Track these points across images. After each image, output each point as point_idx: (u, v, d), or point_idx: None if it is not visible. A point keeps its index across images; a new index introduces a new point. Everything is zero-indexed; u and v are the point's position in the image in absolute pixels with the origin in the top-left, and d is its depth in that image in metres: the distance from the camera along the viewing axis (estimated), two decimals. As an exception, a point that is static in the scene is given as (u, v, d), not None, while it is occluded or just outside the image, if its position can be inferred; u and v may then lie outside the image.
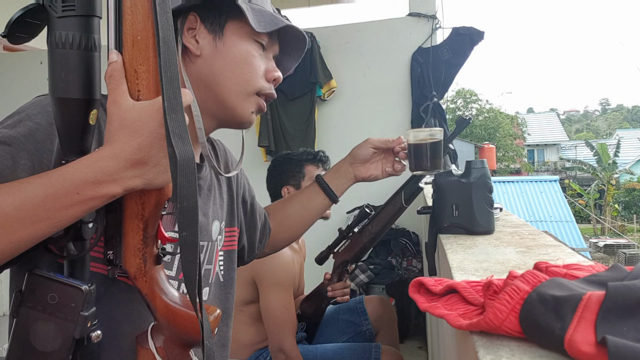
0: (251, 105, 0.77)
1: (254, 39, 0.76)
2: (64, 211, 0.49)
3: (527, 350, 0.35)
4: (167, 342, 0.59)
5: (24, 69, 3.40)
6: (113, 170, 0.50)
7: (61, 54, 0.51)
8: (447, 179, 0.88)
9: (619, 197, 18.62)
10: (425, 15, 2.98)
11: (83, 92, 0.51)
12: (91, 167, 0.50)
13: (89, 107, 0.52)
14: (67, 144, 0.53)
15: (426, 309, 0.45)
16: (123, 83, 0.52)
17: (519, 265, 0.64)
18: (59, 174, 0.50)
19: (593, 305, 0.33)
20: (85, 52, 0.51)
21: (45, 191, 0.49)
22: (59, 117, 0.52)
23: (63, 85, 0.51)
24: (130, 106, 0.51)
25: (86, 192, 0.50)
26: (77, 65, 0.51)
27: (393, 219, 1.32)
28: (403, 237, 2.81)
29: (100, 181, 0.50)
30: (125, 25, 0.52)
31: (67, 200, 0.49)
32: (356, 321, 1.77)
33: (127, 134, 0.51)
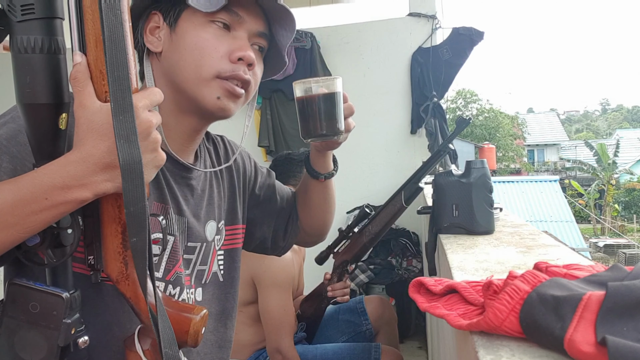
0: (213, 90, 0.71)
1: (210, 20, 0.71)
2: (33, 216, 0.49)
3: (527, 350, 0.35)
4: (154, 344, 0.58)
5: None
6: (81, 175, 0.49)
7: (24, 59, 0.49)
8: (447, 179, 0.88)
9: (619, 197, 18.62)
10: (425, 15, 2.98)
11: (50, 97, 0.50)
12: (59, 172, 0.49)
13: (58, 112, 0.51)
14: (37, 150, 0.52)
15: (426, 309, 0.45)
16: (89, 85, 0.51)
17: (519, 265, 0.64)
18: (27, 179, 0.49)
19: (593, 305, 0.33)
20: (49, 56, 0.50)
21: (13, 197, 0.48)
22: (28, 124, 0.51)
23: (29, 90, 0.49)
24: (98, 108, 0.50)
25: (55, 197, 0.49)
26: (42, 69, 0.49)
27: (393, 219, 1.32)
28: (403, 237, 2.81)
29: (68, 186, 0.49)
30: (87, 25, 0.51)
31: (36, 205, 0.49)
32: (356, 321, 1.77)
33: (96, 137, 0.50)
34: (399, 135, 3.05)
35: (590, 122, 47.37)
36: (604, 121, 46.46)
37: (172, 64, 0.72)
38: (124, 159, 0.46)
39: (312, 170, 0.92)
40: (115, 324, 0.66)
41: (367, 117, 3.10)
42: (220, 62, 0.71)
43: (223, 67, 0.71)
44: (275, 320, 1.48)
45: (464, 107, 20.98)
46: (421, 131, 2.99)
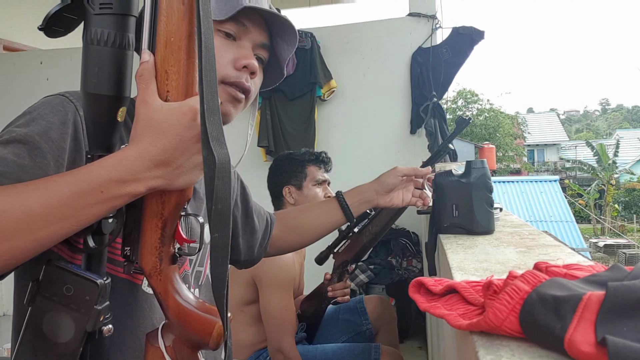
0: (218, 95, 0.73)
1: (217, 29, 0.73)
2: (88, 209, 0.50)
3: (527, 350, 0.35)
4: (176, 341, 0.59)
5: (24, 69, 3.40)
6: (137, 170, 0.51)
7: (95, 51, 0.51)
8: (447, 179, 0.88)
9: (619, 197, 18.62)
10: (425, 15, 2.98)
11: (114, 89, 0.52)
12: (116, 166, 0.50)
13: (118, 104, 0.53)
14: (94, 139, 0.54)
15: (426, 309, 0.45)
16: (153, 83, 0.53)
17: (519, 265, 0.64)
18: (84, 172, 0.50)
19: (593, 305, 0.33)
20: (118, 50, 0.52)
21: (70, 189, 0.49)
22: (89, 112, 0.53)
23: (95, 81, 0.52)
24: (159, 107, 0.52)
25: (110, 190, 0.50)
26: (110, 63, 0.52)
27: (393, 219, 1.32)
28: (403, 237, 2.81)
29: (124, 180, 0.50)
30: (160, 26, 0.53)
31: (92, 198, 0.50)
32: (356, 321, 1.77)
33: (153, 134, 0.51)
34: (399, 135, 3.05)
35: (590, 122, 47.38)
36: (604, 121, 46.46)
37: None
38: (218, 159, 0.47)
39: (351, 214, 1.05)
40: (128, 317, 0.66)
41: (367, 117, 3.10)
42: (226, 68, 0.73)
43: (228, 73, 0.73)
44: (277, 319, 1.48)
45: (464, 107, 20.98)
46: (421, 131, 2.99)
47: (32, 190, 0.49)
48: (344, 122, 3.13)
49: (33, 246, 0.49)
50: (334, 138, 3.12)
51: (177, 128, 0.51)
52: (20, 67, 3.42)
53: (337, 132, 3.12)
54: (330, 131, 3.14)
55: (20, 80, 3.40)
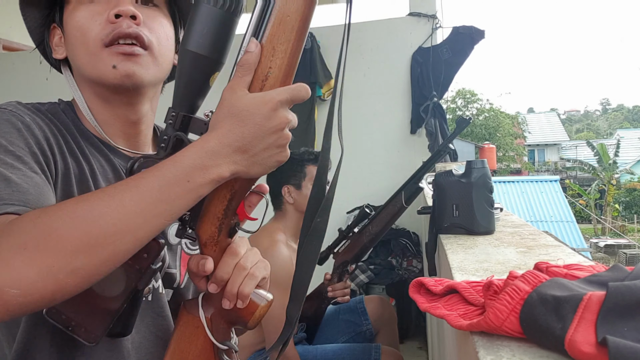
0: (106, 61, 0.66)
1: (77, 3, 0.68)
2: (178, 201, 0.51)
3: (528, 350, 0.35)
4: (215, 315, 0.60)
5: (24, 69, 3.40)
6: (217, 155, 0.51)
7: (206, 10, 0.51)
8: (447, 179, 0.88)
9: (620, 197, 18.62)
10: (425, 15, 2.98)
11: (215, 52, 0.53)
12: (198, 152, 0.51)
13: (214, 68, 0.54)
14: (181, 97, 0.54)
15: (426, 309, 0.45)
16: (249, 75, 0.53)
17: (519, 265, 0.64)
18: (169, 164, 0.51)
19: (593, 306, 0.33)
20: (228, 15, 0.52)
21: (159, 183, 0.50)
22: (183, 70, 0.53)
23: (200, 40, 0.52)
24: (242, 95, 0.52)
25: (195, 178, 0.51)
26: (217, 25, 0.52)
27: (393, 219, 1.32)
28: (403, 237, 2.81)
29: (206, 166, 0.51)
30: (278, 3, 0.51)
31: (180, 189, 0.50)
32: (356, 321, 1.77)
33: (234, 121, 0.51)
34: (399, 135, 3.05)
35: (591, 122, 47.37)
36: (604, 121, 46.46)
37: (73, 60, 0.70)
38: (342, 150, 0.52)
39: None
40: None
41: (367, 117, 3.10)
42: (100, 29, 0.66)
43: (103, 32, 0.66)
44: (275, 319, 1.48)
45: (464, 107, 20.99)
46: (421, 131, 2.99)
47: (124, 190, 0.49)
48: (344, 122, 3.13)
49: (134, 247, 0.50)
50: (334, 138, 3.11)
51: (257, 117, 0.51)
52: (20, 67, 3.42)
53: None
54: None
55: (19, 80, 3.40)
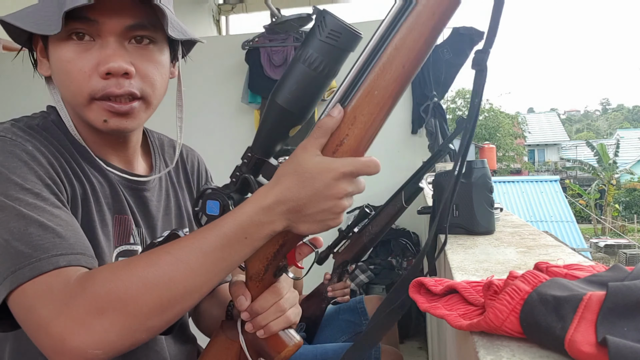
0: (97, 114, 0.64)
1: (67, 34, 0.62)
2: (236, 256, 0.54)
3: (528, 350, 0.35)
4: (248, 342, 0.64)
5: (24, 70, 3.40)
6: (273, 212, 0.53)
7: (302, 71, 0.53)
8: (447, 179, 0.88)
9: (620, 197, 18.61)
10: (425, 15, 2.98)
11: (301, 110, 0.55)
12: (254, 209, 0.54)
13: (297, 122, 0.56)
14: (261, 142, 0.57)
15: (426, 309, 0.45)
16: (324, 138, 0.54)
17: (519, 265, 0.64)
18: (229, 221, 0.54)
19: (594, 306, 0.33)
20: (323, 78, 0.53)
21: (221, 242, 0.53)
22: (269, 120, 0.56)
23: (289, 97, 0.54)
24: (312, 156, 0.53)
25: (252, 234, 0.54)
26: (309, 86, 0.53)
27: (393, 219, 1.32)
28: (403, 237, 2.81)
29: (262, 222, 0.54)
30: (369, 76, 0.52)
31: (239, 246, 0.54)
32: (356, 321, 1.77)
33: (294, 180, 0.53)
34: (400, 135, 3.04)
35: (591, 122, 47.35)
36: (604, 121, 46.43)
37: (60, 91, 0.68)
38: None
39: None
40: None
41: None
42: (90, 82, 0.62)
43: (93, 87, 0.63)
44: None
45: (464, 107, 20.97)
46: (422, 131, 2.99)
47: (190, 253, 0.53)
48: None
49: (197, 301, 0.55)
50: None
51: (318, 183, 0.53)
52: (19, 66, 3.42)
53: (338, 132, 3.12)
54: (331, 131, 3.13)
55: (20, 80, 3.40)
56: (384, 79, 0.51)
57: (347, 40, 0.52)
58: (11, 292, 0.52)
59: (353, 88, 0.53)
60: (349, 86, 0.53)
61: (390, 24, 0.51)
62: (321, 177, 0.53)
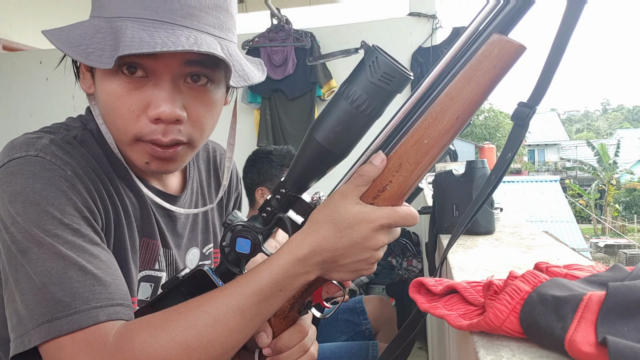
0: (140, 155, 0.61)
1: (119, 70, 0.57)
2: (271, 309, 0.54)
3: (528, 350, 0.35)
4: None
5: (24, 69, 3.40)
6: (308, 263, 0.53)
7: (347, 111, 0.50)
8: (447, 179, 0.88)
9: (620, 197, 18.61)
10: (425, 15, 2.98)
11: (341, 150, 0.52)
12: (290, 261, 0.53)
13: (335, 162, 0.54)
14: (294, 178, 0.55)
15: (426, 309, 0.45)
16: (365, 187, 0.52)
17: (519, 265, 0.64)
18: (265, 276, 0.53)
19: (594, 306, 0.33)
20: (367, 120, 0.51)
21: (258, 298, 0.53)
22: (306, 155, 0.54)
23: (331, 136, 0.52)
24: (352, 204, 0.52)
25: (287, 286, 0.53)
26: (353, 127, 0.51)
27: None
28: (403, 237, 2.80)
29: (297, 274, 0.53)
30: (420, 125, 0.49)
31: (274, 300, 0.54)
32: (355, 321, 1.77)
33: (331, 228, 0.52)
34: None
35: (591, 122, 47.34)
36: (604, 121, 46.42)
37: (103, 116, 0.63)
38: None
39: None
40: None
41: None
42: (137, 123, 0.58)
43: (140, 129, 0.59)
44: None
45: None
46: (421, 131, 2.99)
47: (227, 313, 0.52)
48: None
49: (231, 355, 0.54)
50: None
51: (356, 234, 0.52)
52: (19, 67, 3.42)
53: (338, 132, 3.11)
54: (331, 131, 3.12)
55: (19, 80, 3.40)
56: (435, 129, 0.49)
57: (399, 83, 0.49)
58: (46, 342, 0.50)
59: (398, 134, 0.51)
60: (393, 131, 0.51)
61: (445, 70, 0.47)
62: (360, 227, 0.51)
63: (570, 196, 17.42)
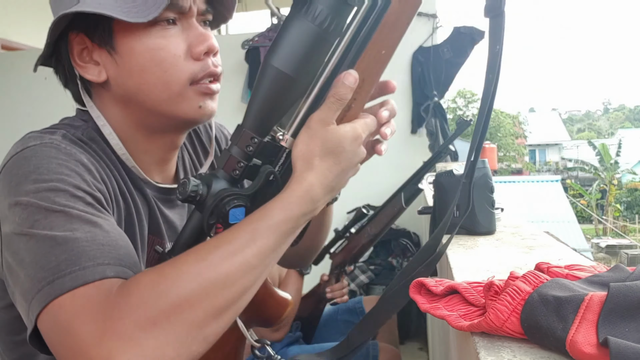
0: (192, 101, 0.61)
1: (146, 24, 0.58)
2: (285, 246, 0.51)
3: (529, 351, 0.35)
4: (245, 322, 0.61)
5: (23, 69, 3.41)
6: (318, 199, 0.52)
7: (312, 31, 0.48)
8: (448, 179, 0.88)
9: (621, 197, 18.61)
10: (426, 15, 2.98)
11: (307, 77, 0.51)
12: (305, 200, 0.51)
13: (299, 93, 0.52)
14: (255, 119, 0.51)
15: (427, 310, 0.44)
16: (340, 108, 0.51)
17: (520, 265, 0.63)
18: (280, 214, 0.50)
19: (595, 306, 0.32)
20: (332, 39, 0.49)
21: (275, 237, 0.49)
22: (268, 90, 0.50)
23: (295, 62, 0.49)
24: (334, 129, 0.51)
25: (300, 223, 0.52)
26: (318, 48, 0.49)
27: (392, 220, 1.32)
28: (403, 237, 2.80)
29: (310, 211, 0.52)
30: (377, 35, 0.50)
31: (288, 237, 0.51)
32: (355, 321, 1.77)
33: (330, 159, 0.51)
34: (400, 135, 3.04)
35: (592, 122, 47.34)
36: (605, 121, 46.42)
37: (132, 91, 0.61)
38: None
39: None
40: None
41: (367, 117, 3.09)
42: (187, 66, 0.60)
43: (193, 70, 0.60)
44: None
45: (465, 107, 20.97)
46: (422, 131, 2.98)
47: (244, 246, 0.48)
48: (344, 122, 3.12)
49: (247, 302, 0.49)
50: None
51: (350, 154, 0.52)
52: (19, 67, 3.42)
53: (338, 132, 3.11)
54: (331, 131, 3.12)
55: (19, 79, 3.40)
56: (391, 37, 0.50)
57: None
58: (45, 307, 0.44)
59: (354, 49, 0.50)
60: (347, 47, 0.50)
61: None
62: (352, 148, 0.52)
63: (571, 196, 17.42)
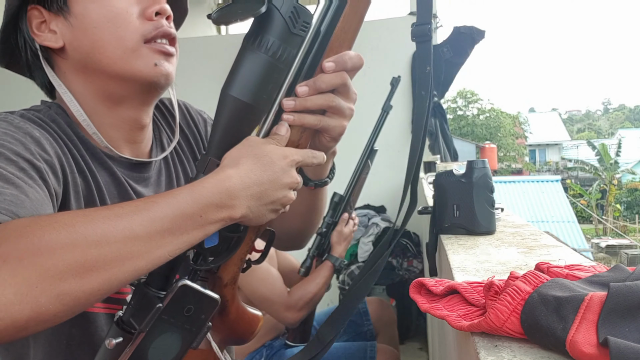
0: (147, 58, 0.62)
1: None
2: (185, 235, 0.46)
3: (529, 351, 0.35)
4: (220, 343, 0.59)
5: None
6: (236, 194, 0.49)
7: (266, 62, 0.50)
8: (448, 179, 0.88)
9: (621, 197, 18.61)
10: (426, 15, 2.98)
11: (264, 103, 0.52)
12: (218, 188, 0.48)
13: (257, 119, 0.53)
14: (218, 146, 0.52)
15: (427, 310, 0.44)
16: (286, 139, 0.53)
17: (520, 265, 0.63)
18: (185, 193, 0.47)
19: (595, 306, 0.32)
20: (285, 68, 0.51)
21: (173, 211, 0.45)
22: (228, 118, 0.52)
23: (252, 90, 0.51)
24: (267, 141, 0.52)
25: (209, 214, 0.47)
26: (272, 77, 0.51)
27: None
28: (403, 237, 2.80)
29: (223, 204, 0.48)
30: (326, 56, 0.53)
31: (191, 222, 0.46)
32: (357, 321, 1.77)
33: (255, 162, 0.50)
34: (399, 135, 3.04)
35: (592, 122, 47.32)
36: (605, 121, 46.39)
37: (86, 52, 0.62)
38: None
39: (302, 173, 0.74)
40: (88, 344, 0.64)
41: (367, 116, 3.09)
42: (140, 23, 0.62)
43: (145, 28, 0.62)
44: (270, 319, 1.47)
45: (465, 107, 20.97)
46: (422, 131, 2.99)
47: (133, 212, 0.44)
48: (344, 122, 3.12)
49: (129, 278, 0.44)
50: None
51: (276, 167, 0.51)
52: (21, 67, 3.43)
53: (338, 132, 3.12)
54: (331, 131, 3.13)
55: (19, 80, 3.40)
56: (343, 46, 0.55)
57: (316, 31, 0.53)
58: None
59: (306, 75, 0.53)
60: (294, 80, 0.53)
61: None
62: (280, 162, 0.51)
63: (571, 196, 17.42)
